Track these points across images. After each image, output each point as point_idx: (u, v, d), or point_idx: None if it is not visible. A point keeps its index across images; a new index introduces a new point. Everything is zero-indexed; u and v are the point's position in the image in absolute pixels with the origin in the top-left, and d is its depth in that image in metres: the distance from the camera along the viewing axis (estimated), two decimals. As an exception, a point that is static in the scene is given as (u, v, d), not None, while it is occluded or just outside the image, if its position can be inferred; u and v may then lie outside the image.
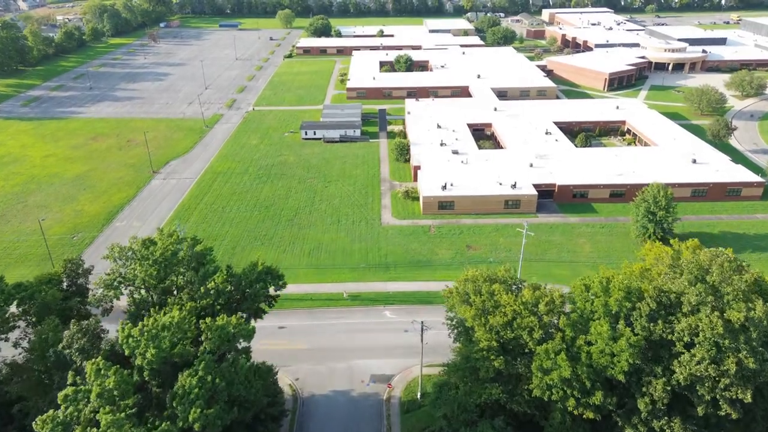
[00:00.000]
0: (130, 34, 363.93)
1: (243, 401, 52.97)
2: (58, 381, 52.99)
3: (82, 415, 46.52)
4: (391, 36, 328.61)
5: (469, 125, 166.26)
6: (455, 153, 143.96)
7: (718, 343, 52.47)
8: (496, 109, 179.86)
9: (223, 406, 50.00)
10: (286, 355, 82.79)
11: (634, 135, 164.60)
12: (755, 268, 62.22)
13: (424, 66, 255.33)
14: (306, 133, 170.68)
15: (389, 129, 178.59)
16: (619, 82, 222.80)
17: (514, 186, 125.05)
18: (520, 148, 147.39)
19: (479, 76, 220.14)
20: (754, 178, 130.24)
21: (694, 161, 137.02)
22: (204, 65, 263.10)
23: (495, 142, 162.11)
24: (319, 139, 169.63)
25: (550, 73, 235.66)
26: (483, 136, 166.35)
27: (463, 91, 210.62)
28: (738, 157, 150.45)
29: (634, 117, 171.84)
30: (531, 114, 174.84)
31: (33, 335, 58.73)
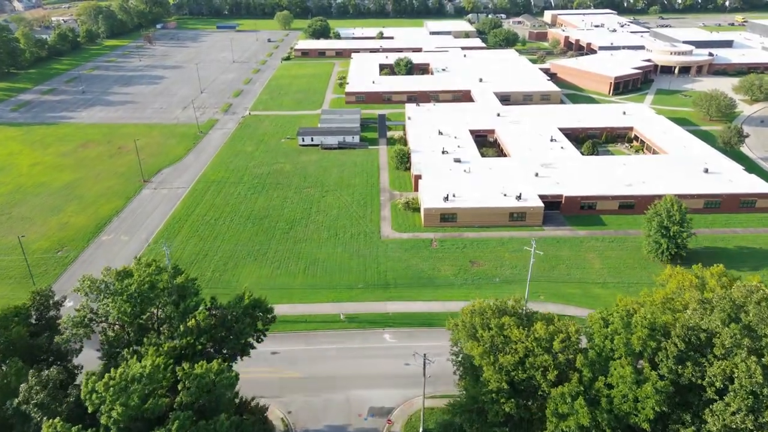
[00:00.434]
0: (125, 35, 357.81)
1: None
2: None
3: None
4: (391, 38, 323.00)
5: (472, 131, 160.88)
6: (457, 161, 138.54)
7: (755, 392, 47.08)
8: (498, 114, 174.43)
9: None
10: (279, 384, 77.55)
11: (642, 142, 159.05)
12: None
13: (424, 69, 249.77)
14: (303, 140, 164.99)
15: (389, 135, 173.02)
16: (624, 86, 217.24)
17: (519, 197, 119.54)
18: (525, 156, 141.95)
19: (481, 80, 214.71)
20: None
21: (707, 170, 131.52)
22: (200, 68, 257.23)
23: (498, 150, 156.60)
24: (317, 145, 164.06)
25: (553, 77, 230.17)
26: (486, 142, 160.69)
27: (464, 95, 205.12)
28: (749, 165, 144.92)
29: (641, 123, 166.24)
30: (535, 119, 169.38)
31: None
